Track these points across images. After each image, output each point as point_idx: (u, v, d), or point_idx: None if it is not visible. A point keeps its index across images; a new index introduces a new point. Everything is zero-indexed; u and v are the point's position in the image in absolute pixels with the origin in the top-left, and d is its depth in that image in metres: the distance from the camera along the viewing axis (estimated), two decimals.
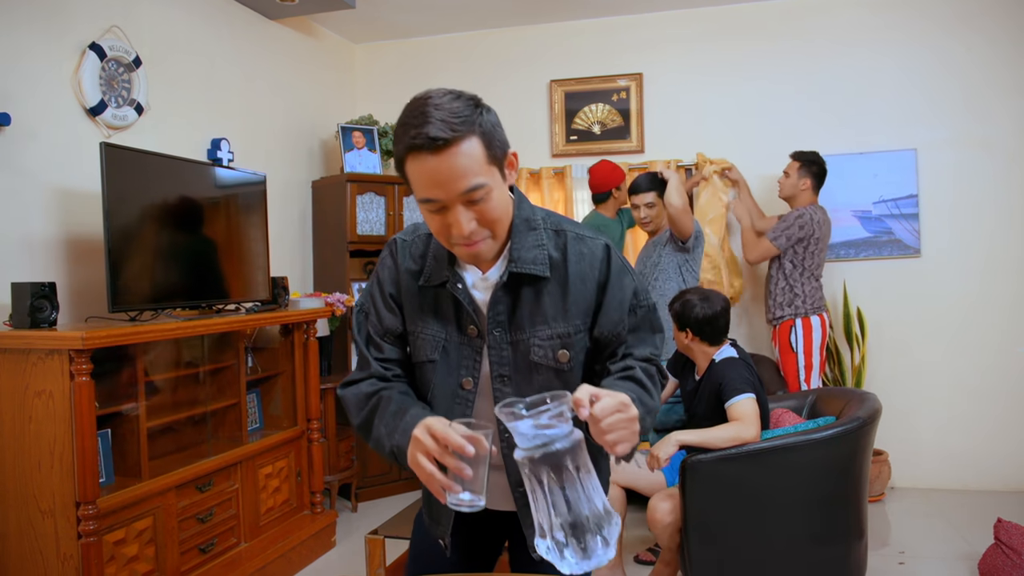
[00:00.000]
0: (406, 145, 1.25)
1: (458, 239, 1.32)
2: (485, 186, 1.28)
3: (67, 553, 2.61)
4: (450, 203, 1.28)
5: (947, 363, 4.62)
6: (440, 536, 1.57)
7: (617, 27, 5.09)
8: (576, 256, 1.44)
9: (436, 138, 1.22)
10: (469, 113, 1.26)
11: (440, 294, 1.47)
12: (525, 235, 1.43)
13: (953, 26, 4.57)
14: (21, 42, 3.01)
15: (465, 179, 1.26)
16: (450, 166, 1.24)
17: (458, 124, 1.24)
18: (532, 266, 1.41)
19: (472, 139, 1.26)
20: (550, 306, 1.43)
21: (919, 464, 4.62)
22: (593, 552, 1.15)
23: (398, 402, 1.43)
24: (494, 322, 1.43)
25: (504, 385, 1.45)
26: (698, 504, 2.87)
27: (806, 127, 4.74)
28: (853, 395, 3.18)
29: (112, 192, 2.96)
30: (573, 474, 1.15)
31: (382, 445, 1.40)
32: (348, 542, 4.04)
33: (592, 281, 1.44)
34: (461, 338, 1.46)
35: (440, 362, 1.47)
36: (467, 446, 1.19)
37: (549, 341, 1.43)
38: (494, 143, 1.30)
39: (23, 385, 2.65)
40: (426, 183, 1.27)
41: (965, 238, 4.59)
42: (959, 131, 4.58)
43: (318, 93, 5.08)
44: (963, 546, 3.68)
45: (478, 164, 1.27)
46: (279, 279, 4.00)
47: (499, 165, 1.33)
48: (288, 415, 3.91)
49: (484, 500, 1.24)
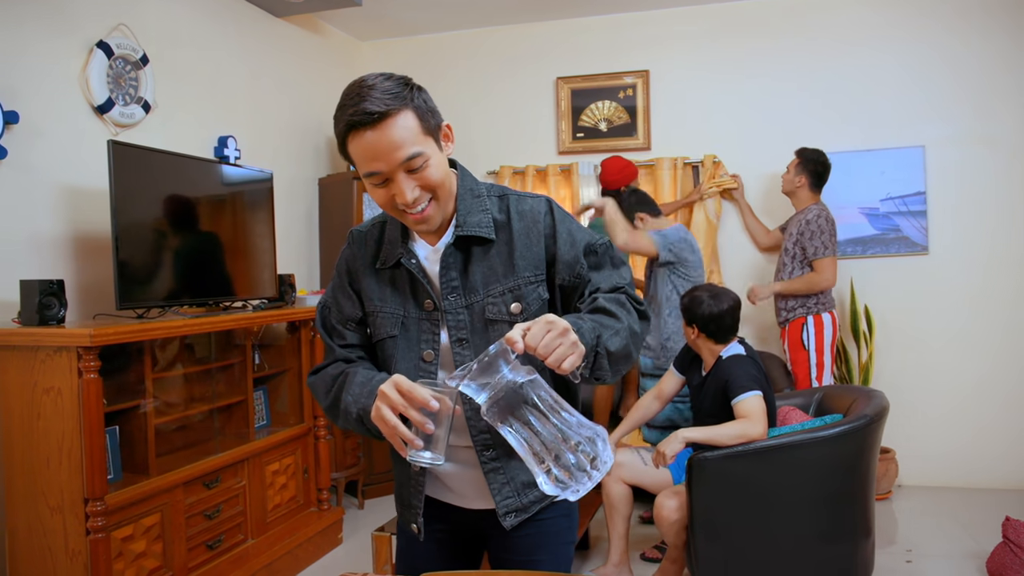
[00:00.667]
0: (346, 123, 1.34)
1: (403, 206, 1.38)
2: (423, 154, 1.36)
3: (75, 549, 2.63)
4: (392, 173, 1.35)
5: (955, 360, 4.60)
6: (411, 521, 1.58)
7: (624, 24, 5.08)
8: (518, 215, 1.50)
9: (372, 112, 1.31)
10: (400, 90, 1.36)
11: (396, 274, 1.53)
12: (470, 202, 1.50)
13: (961, 23, 4.54)
14: (29, 40, 3.02)
15: (403, 148, 1.33)
16: (388, 138, 1.33)
17: (391, 99, 1.33)
18: (478, 228, 1.47)
19: (406, 112, 1.34)
20: (499, 264, 1.48)
21: (926, 462, 4.61)
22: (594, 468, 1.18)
23: (364, 375, 1.47)
24: (448, 288, 1.48)
25: (464, 348, 1.47)
26: (704, 502, 2.87)
27: (813, 124, 4.73)
28: (860, 392, 3.17)
29: (120, 190, 2.97)
30: (541, 407, 1.19)
31: (350, 413, 1.44)
32: (355, 539, 4.05)
33: (537, 235, 1.49)
34: (420, 313, 1.51)
35: (400, 337, 1.52)
36: (432, 401, 1.25)
37: (501, 297, 1.47)
38: (427, 116, 1.38)
39: (32, 382, 2.66)
40: (368, 157, 1.35)
41: (973, 235, 4.57)
42: (967, 128, 4.56)
43: (325, 90, 5.09)
44: (971, 544, 3.67)
45: (414, 135, 1.35)
46: (286, 276, 4.00)
47: (435, 136, 1.40)
48: (295, 412, 3.92)
49: (443, 459, 1.28)
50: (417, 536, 1.58)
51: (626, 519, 3.29)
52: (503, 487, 1.50)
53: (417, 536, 1.58)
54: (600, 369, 1.36)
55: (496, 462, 1.50)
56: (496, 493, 1.50)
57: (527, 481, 1.51)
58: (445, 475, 1.56)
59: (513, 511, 1.51)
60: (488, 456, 1.49)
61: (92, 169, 3.21)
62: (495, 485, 1.50)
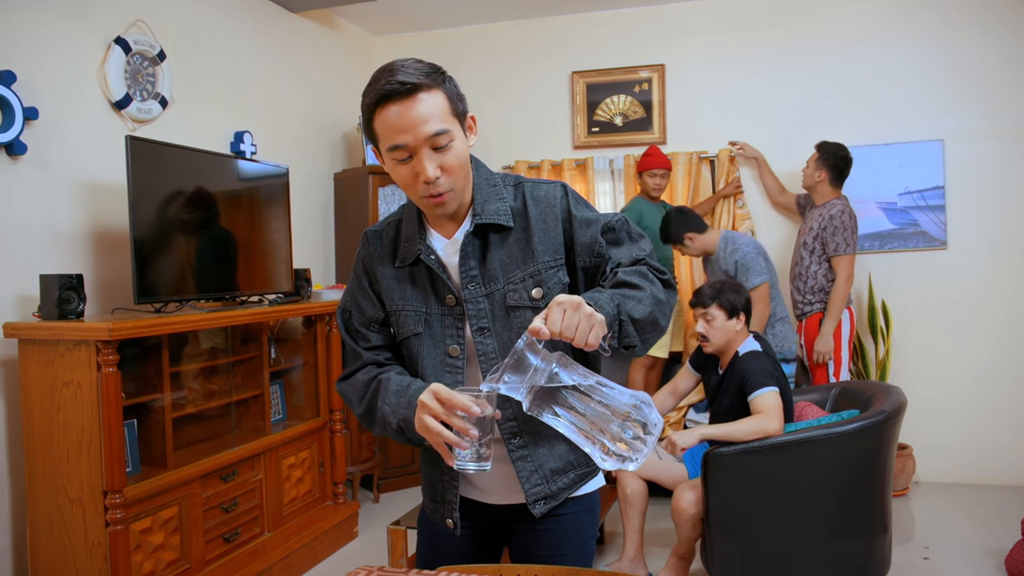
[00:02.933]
0: (376, 94, 1.36)
1: (424, 187, 1.38)
2: (449, 132, 1.37)
3: (95, 541, 2.65)
4: (416, 147, 1.36)
5: (973, 357, 4.56)
6: (447, 516, 1.58)
7: (639, 18, 5.05)
8: (534, 201, 1.51)
9: (405, 82, 1.34)
10: (432, 71, 1.39)
11: (415, 271, 1.53)
12: (486, 191, 1.50)
13: (980, 15, 4.49)
14: (48, 37, 3.04)
15: (431, 123, 1.35)
16: (417, 110, 1.35)
17: (423, 76, 1.36)
18: (496, 216, 1.48)
19: (437, 91, 1.38)
20: (518, 252, 1.48)
21: (944, 458, 4.57)
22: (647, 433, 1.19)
23: (397, 382, 1.47)
24: (467, 277, 1.48)
25: (485, 337, 1.47)
26: (721, 497, 2.87)
27: (830, 118, 4.69)
28: (878, 388, 3.15)
29: (137, 185, 2.99)
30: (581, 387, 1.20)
31: (388, 424, 1.45)
32: (370, 532, 4.07)
33: (554, 219, 1.49)
34: (442, 308, 1.51)
35: (425, 334, 1.51)
36: (472, 406, 1.27)
37: (522, 283, 1.47)
38: (456, 99, 1.41)
39: (52, 375, 2.69)
40: (394, 129, 1.36)
41: (993, 230, 4.53)
42: (987, 122, 4.52)
43: (340, 85, 5.10)
44: (989, 542, 3.64)
45: (442, 112, 1.37)
46: (302, 271, 4.02)
47: (461, 120, 1.42)
48: (311, 406, 3.94)
49: (490, 464, 1.31)
50: (453, 531, 1.58)
51: (641, 514, 3.29)
52: (531, 475, 1.50)
53: (453, 531, 1.58)
54: (627, 336, 1.35)
55: (524, 450, 1.50)
56: (525, 481, 1.50)
57: (555, 468, 1.51)
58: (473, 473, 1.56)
59: (542, 498, 1.51)
60: (516, 444, 1.49)
61: (110, 164, 3.24)
62: (523, 473, 1.50)
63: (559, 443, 1.51)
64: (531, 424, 1.48)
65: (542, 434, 1.50)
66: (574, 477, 1.53)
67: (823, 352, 4.06)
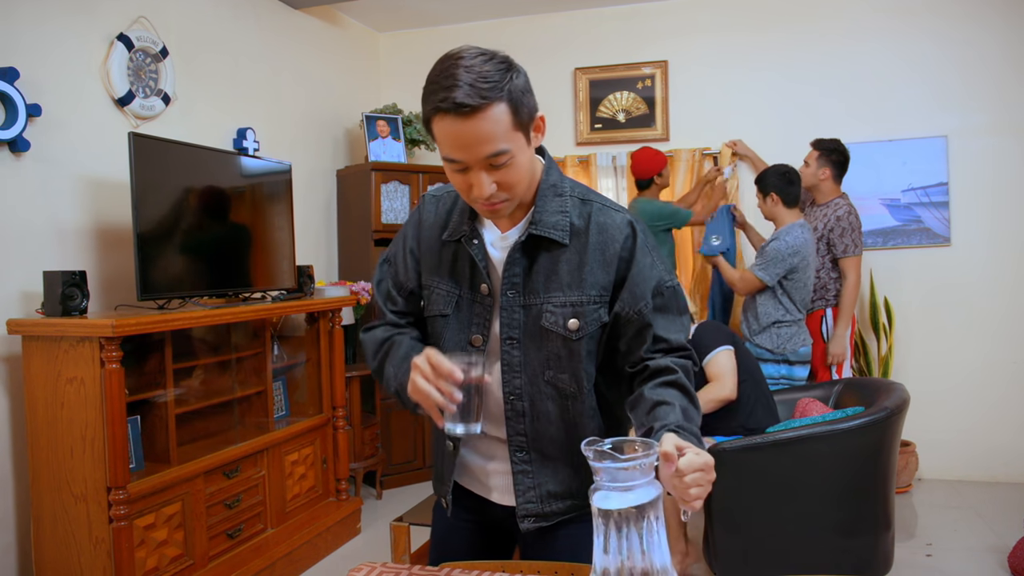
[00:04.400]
0: (433, 107, 1.27)
1: (478, 199, 1.35)
2: (508, 152, 1.29)
3: (99, 537, 2.66)
4: (472, 165, 1.30)
5: (976, 353, 4.55)
6: (442, 495, 1.60)
7: (642, 14, 5.05)
8: (598, 227, 1.43)
9: (463, 104, 1.23)
10: (499, 78, 1.26)
11: (459, 251, 1.50)
12: (550, 200, 1.43)
13: (984, 10, 4.48)
14: (51, 34, 3.04)
15: (489, 145, 1.27)
16: (475, 131, 1.25)
17: (486, 90, 1.24)
18: (552, 231, 1.41)
19: (500, 105, 1.26)
20: (566, 274, 1.42)
21: (947, 455, 4.57)
22: None
23: (407, 347, 1.49)
24: (508, 283, 1.44)
25: (513, 348, 1.45)
26: (723, 493, 2.86)
27: (833, 114, 4.68)
28: (881, 385, 3.15)
29: (140, 181, 2.99)
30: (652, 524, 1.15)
31: (390, 385, 1.49)
32: (373, 529, 4.07)
33: (613, 255, 1.42)
34: (474, 295, 1.48)
35: (452, 317, 1.49)
36: (456, 371, 1.27)
37: (561, 309, 1.42)
38: (522, 109, 1.30)
39: (55, 372, 2.70)
40: (450, 144, 1.29)
41: (997, 226, 4.52)
42: (991, 118, 4.50)
43: (343, 82, 5.10)
44: (992, 539, 3.64)
45: (503, 130, 1.27)
46: (304, 268, 4.02)
47: (525, 130, 1.33)
48: (314, 402, 3.95)
49: (480, 427, 1.34)
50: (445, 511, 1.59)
51: None
52: (528, 491, 1.48)
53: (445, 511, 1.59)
54: None
55: (527, 465, 1.48)
56: (520, 495, 1.48)
57: (554, 491, 1.49)
58: (478, 468, 1.56)
59: (532, 516, 1.49)
60: (520, 458, 1.48)
61: (113, 161, 3.24)
62: (520, 487, 1.48)
63: (565, 468, 1.48)
64: (540, 443, 1.47)
65: (549, 456, 1.48)
66: (571, 506, 1.50)
67: (837, 354, 4.04)
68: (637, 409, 1.39)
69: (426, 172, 4.98)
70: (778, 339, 3.90)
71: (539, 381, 1.45)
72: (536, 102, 1.35)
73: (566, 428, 1.47)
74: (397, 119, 5.00)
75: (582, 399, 1.47)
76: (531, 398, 1.45)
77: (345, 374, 4.12)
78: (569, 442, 1.48)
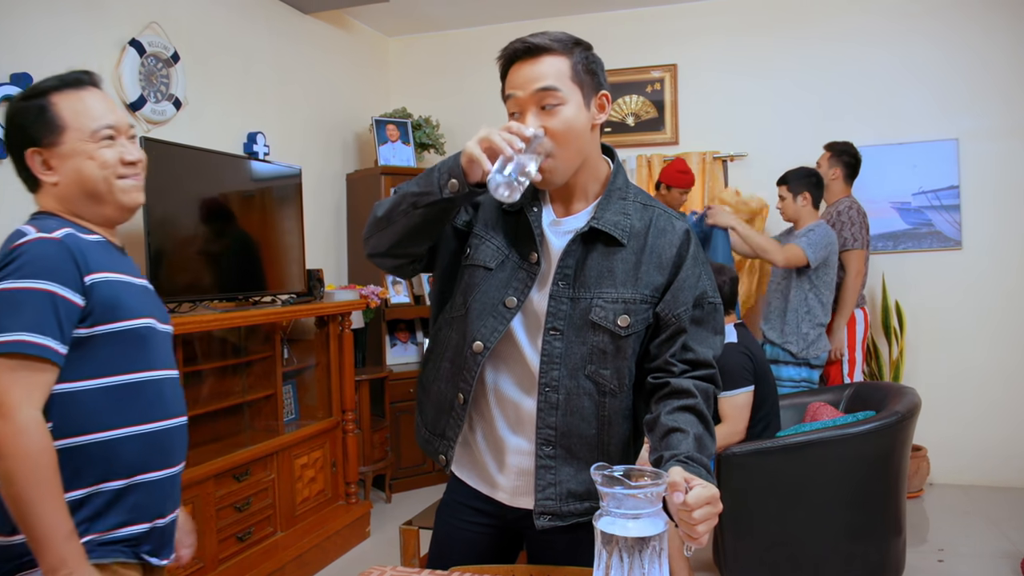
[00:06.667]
0: (505, 54, 1.45)
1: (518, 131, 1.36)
2: (559, 92, 1.38)
3: None
4: (525, 105, 1.40)
5: (988, 357, 4.53)
6: (441, 452, 1.55)
7: (651, 18, 5.05)
8: (657, 231, 1.47)
9: (528, 43, 1.40)
10: (566, 40, 1.42)
11: (517, 218, 1.52)
12: (615, 201, 1.48)
13: (995, 13, 4.46)
14: (63, 39, 3.06)
15: (542, 80, 1.39)
16: (533, 68, 1.40)
17: (552, 42, 1.40)
18: (612, 228, 1.45)
19: (561, 57, 1.40)
20: (621, 272, 1.45)
21: (959, 460, 4.54)
22: None
23: None
24: (560, 273, 1.46)
25: (555, 339, 1.45)
26: (733, 497, 2.86)
27: (844, 117, 4.66)
28: (892, 389, 3.13)
29: (151, 186, 2.98)
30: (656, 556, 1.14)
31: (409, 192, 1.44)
32: (382, 532, 4.08)
33: (668, 259, 1.46)
34: (521, 261, 1.49)
35: (495, 272, 1.50)
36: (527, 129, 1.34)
37: (612, 304, 1.44)
38: (581, 70, 1.41)
39: None
40: (511, 82, 1.43)
41: (1008, 230, 4.49)
42: (1003, 120, 4.48)
43: (352, 86, 5.12)
44: (1004, 544, 3.61)
45: (559, 74, 1.39)
46: (314, 271, 4.03)
47: (583, 89, 1.42)
48: (323, 406, 3.95)
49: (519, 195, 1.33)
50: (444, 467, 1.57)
51: None
52: (547, 487, 1.47)
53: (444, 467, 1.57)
54: None
55: (551, 460, 1.47)
56: (540, 491, 1.47)
57: (573, 491, 1.48)
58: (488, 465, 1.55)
59: (549, 514, 1.48)
60: (546, 452, 1.47)
61: None
62: (541, 482, 1.47)
63: (584, 468, 1.46)
64: (569, 439, 1.47)
65: (575, 454, 1.47)
66: (588, 508, 1.47)
67: (836, 347, 4.05)
68: (652, 432, 1.41)
69: None
70: (804, 343, 3.87)
71: (579, 375, 1.45)
72: (605, 81, 1.46)
73: (599, 425, 1.47)
74: (407, 123, 5.01)
75: (620, 397, 1.48)
76: (567, 391, 1.45)
77: (355, 377, 4.13)
78: (599, 440, 1.48)
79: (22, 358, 1.32)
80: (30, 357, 1.32)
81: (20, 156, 1.51)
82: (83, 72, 1.55)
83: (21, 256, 1.37)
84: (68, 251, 1.40)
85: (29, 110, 1.49)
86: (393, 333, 5.02)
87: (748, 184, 4.79)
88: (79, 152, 1.48)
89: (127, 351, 1.46)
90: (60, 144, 1.48)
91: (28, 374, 1.33)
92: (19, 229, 1.45)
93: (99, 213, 1.55)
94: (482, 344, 1.47)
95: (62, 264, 1.38)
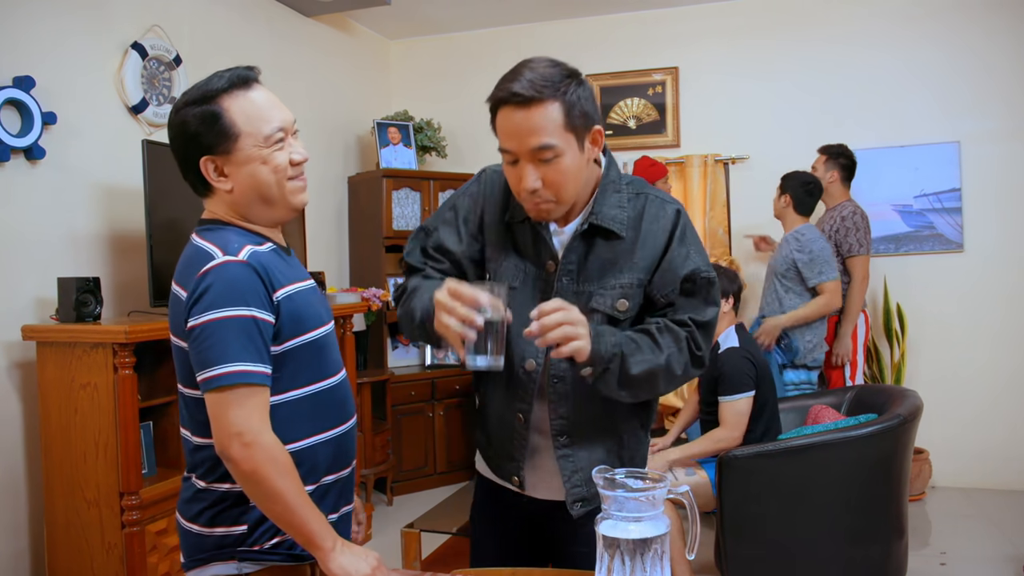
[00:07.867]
0: (495, 98, 1.40)
1: (523, 193, 1.41)
2: (555, 148, 1.37)
3: (111, 542, 2.67)
4: (521, 157, 1.39)
5: (990, 360, 4.52)
6: (514, 474, 1.59)
7: (653, 21, 5.05)
8: (651, 217, 1.52)
9: (517, 94, 1.35)
10: (558, 81, 1.37)
11: (521, 230, 1.54)
12: (610, 195, 1.51)
13: (997, 16, 4.46)
14: (66, 43, 3.07)
15: (537, 137, 1.36)
16: (527, 122, 1.36)
17: (543, 87, 1.35)
18: (611, 222, 1.49)
19: (553, 104, 1.36)
20: (621, 260, 1.50)
21: (961, 463, 4.54)
22: None
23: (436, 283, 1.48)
24: (564, 270, 1.50)
25: None
26: (734, 500, 2.85)
27: (846, 120, 4.67)
28: (894, 392, 3.13)
29: (154, 189, 3.02)
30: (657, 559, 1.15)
31: (414, 318, 1.51)
32: (384, 535, 4.07)
33: (661, 241, 1.50)
34: (538, 272, 1.53)
35: (519, 290, 1.53)
36: (480, 295, 1.30)
37: (612, 291, 1.49)
38: (575, 113, 1.38)
39: (69, 378, 2.71)
40: (505, 134, 1.40)
41: (1010, 232, 4.49)
42: (1004, 123, 4.48)
43: (354, 89, 5.12)
44: (1007, 548, 3.61)
45: (554, 127, 1.36)
46: (316, 274, 4.03)
47: (577, 135, 1.40)
48: None
49: (502, 361, 1.34)
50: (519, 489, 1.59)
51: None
52: (573, 474, 1.53)
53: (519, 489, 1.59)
54: (607, 386, 1.39)
55: (568, 449, 1.52)
56: (567, 480, 1.53)
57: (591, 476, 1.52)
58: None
59: (581, 500, 1.53)
60: (562, 442, 1.52)
61: (127, 168, 3.26)
62: (566, 472, 1.53)
63: (598, 448, 1.54)
64: (579, 427, 1.52)
65: (586, 437, 1.53)
66: None
67: (842, 354, 4.04)
68: None
69: (437, 179, 4.99)
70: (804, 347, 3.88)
71: None
72: (598, 115, 1.45)
73: (604, 406, 1.51)
74: (408, 126, 5.02)
75: None
76: (573, 380, 1.49)
77: (356, 380, 4.13)
78: (606, 421, 1.54)
79: (245, 387, 1.34)
80: (251, 385, 1.35)
81: (192, 163, 1.49)
82: (247, 68, 1.52)
83: (216, 283, 1.37)
84: (256, 272, 1.40)
85: (202, 117, 1.45)
86: (395, 336, 5.02)
87: (749, 186, 4.80)
88: (254, 158, 1.45)
89: (311, 362, 1.48)
90: (235, 151, 1.45)
91: (255, 400, 1.35)
92: (200, 248, 1.44)
93: (269, 216, 1.52)
94: (534, 362, 1.52)
95: (254, 286, 1.39)
